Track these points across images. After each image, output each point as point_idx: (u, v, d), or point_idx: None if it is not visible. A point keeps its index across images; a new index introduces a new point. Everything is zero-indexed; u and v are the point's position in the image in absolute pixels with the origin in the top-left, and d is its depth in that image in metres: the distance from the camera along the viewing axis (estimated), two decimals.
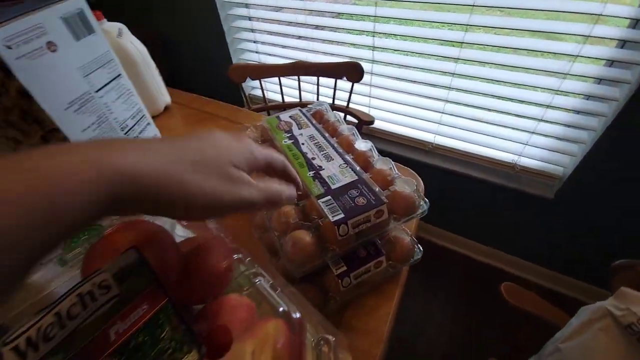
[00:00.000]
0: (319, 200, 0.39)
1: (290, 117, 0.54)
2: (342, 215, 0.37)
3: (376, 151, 0.51)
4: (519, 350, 0.62)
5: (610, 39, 0.76)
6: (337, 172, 0.44)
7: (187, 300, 0.25)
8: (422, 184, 0.62)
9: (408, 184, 0.45)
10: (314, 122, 0.53)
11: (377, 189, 0.41)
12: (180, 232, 0.28)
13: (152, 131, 0.49)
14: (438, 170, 1.17)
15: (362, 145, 0.51)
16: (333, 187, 0.41)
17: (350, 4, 1.07)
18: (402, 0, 0.93)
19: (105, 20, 0.61)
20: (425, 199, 0.44)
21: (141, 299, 0.18)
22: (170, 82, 0.90)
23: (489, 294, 1.14)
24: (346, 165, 0.45)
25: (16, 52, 0.29)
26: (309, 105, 0.59)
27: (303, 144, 0.48)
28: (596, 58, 0.80)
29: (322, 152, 0.47)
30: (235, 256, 0.24)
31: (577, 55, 0.79)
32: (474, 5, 0.83)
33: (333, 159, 0.46)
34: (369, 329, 0.41)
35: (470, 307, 1.20)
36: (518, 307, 0.56)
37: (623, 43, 0.79)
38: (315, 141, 0.49)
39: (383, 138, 1.26)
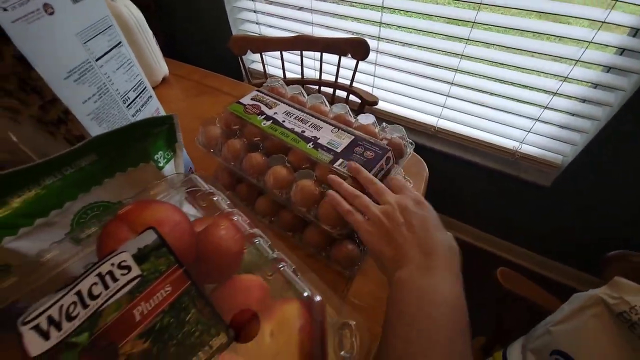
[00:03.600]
0: (333, 166, 0.39)
1: (252, 99, 0.52)
2: None
3: (351, 113, 0.52)
4: (508, 331, 0.64)
5: (625, 26, 0.74)
6: (333, 137, 0.45)
7: (199, 281, 0.25)
8: (427, 172, 0.62)
9: (397, 131, 0.49)
10: (280, 98, 0.51)
11: (375, 140, 0.44)
12: (192, 211, 0.28)
13: (154, 105, 0.47)
14: (440, 155, 1.17)
15: (336, 109, 0.53)
16: (338, 150, 0.42)
17: None
18: None
19: None
20: (411, 141, 0.48)
21: (163, 281, 0.17)
22: (165, 51, 0.86)
23: (482, 277, 1.17)
24: (337, 129, 0.46)
25: (12, 15, 0.27)
26: (264, 85, 0.57)
27: (284, 121, 0.47)
28: (607, 45, 0.78)
29: (307, 124, 0.47)
30: (255, 240, 0.23)
31: (590, 42, 0.77)
32: None
33: (322, 127, 0.46)
34: (370, 305, 0.42)
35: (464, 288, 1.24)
36: (513, 292, 0.58)
37: (635, 31, 0.77)
38: (295, 115, 0.48)
39: (386, 119, 1.24)
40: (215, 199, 0.27)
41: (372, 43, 0.99)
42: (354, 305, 0.42)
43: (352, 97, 1.10)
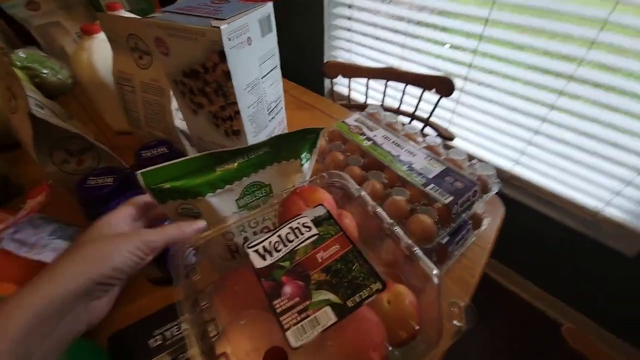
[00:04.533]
0: (425, 188, 0.46)
1: (355, 121, 0.60)
2: (452, 198, 0.43)
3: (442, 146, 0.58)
4: None
5: None
6: (425, 164, 0.51)
7: None
8: (504, 211, 0.64)
9: (486, 169, 0.53)
10: (380, 122, 0.59)
11: (465, 174, 0.49)
12: None
13: (282, 114, 0.58)
14: (510, 201, 1.15)
15: (428, 139, 0.59)
16: (430, 176, 0.48)
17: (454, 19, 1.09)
18: (514, 23, 0.92)
19: None
20: (498, 181, 0.53)
21: (334, 241, 0.25)
22: None
23: (540, 343, 1.11)
24: (430, 158, 0.51)
25: (231, 43, 0.39)
26: (366, 110, 0.65)
27: (382, 144, 0.55)
28: None
29: (402, 149, 0.54)
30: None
31: None
32: (593, 42, 0.80)
33: (416, 154, 0.52)
34: None
35: (521, 347, 1.15)
36: (577, 350, 0.56)
37: None
38: (392, 140, 0.55)
39: None
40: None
41: (458, 83, 1.03)
42: None
43: (428, 130, 1.15)
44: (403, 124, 0.63)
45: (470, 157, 0.55)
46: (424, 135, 0.60)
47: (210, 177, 0.32)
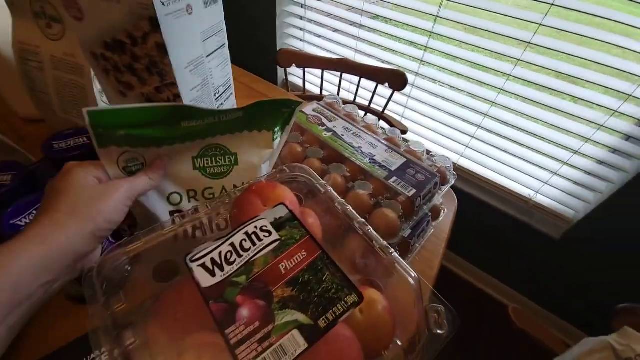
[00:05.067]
0: (388, 181, 0.44)
1: (313, 110, 0.57)
2: (414, 191, 0.42)
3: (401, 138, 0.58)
4: None
5: None
6: (387, 156, 0.49)
7: None
8: (457, 203, 0.66)
9: (444, 161, 0.55)
10: (338, 114, 0.57)
11: (426, 166, 0.48)
12: None
13: (232, 101, 0.52)
14: (456, 191, 1.21)
15: (388, 131, 0.59)
16: (392, 169, 0.46)
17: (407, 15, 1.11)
18: (461, 22, 0.96)
19: None
20: (454, 173, 0.54)
21: (299, 247, 0.21)
22: None
23: (482, 318, 1.20)
24: (391, 150, 0.50)
25: (166, 9, 0.32)
26: (324, 99, 0.63)
27: (342, 135, 0.52)
28: (631, 117, 0.84)
29: (364, 141, 0.52)
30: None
31: (616, 112, 0.83)
32: (529, 43, 0.87)
33: (377, 146, 0.51)
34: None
35: (467, 328, 1.24)
36: (523, 330, 0.60)
37: None
38: (352, 131, 0.53)
39: None
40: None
41: (409, 77, 1.05)
42: None
43: (382, 123, 1.15)
44: (361, 116, 0.61)
45: (429, 151, 0.55)
46: (382, 127, 0.58)
47: (174, 131, 0.28)
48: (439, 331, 0.20)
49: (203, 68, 0.40)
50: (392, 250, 0.24)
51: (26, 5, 0.46)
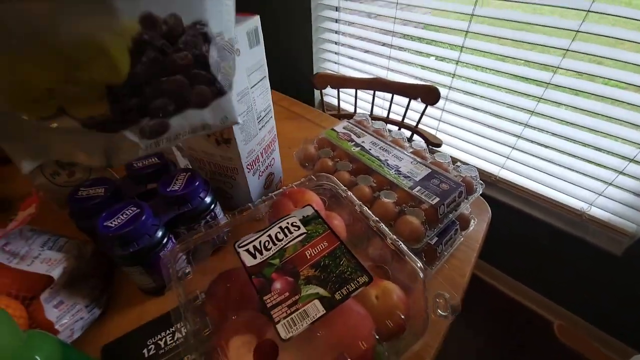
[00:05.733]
0: (412, 191, 0.47)
1: (344, 128, 0.62)
2: (438, 199, 0.44)
3: (428, 151, 0.59)
4: None
5: None
6: (412, 168, 0.52)
7: None
8: (490, 213, 0.66)
9: (470, 171, 0.55)
10: (367, 130, 0.61)
11: (451, 176, 0.50)
12: None
13: (271, 123, 0.59)
14: (499, 204, 1.17)
15: (414, 144, 0.61)
16: (417, 179, 0.49)
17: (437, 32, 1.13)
18: (492, 35, 0.97)
19: None
20: (481, 182, 0.54)
21: (322, 238, 0.26)
22: None
23: (533, 340, 1.12)
24: (416, 162, 0.53)
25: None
26: (354, 117, 0.67)
27: (370, 149, 0.56)
28: None
29: (390, 154, 0.55)
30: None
31: None
32: (567, 50, 0.85)
33: (402, 159, 0.54)
34: None
35: (517, 345, 1.17)
36: (569, 347, 0.57)
37: None
38: (379, 146, 0.57)
39: None
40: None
41: (442, 91, 1.07)
42: None
43: (416, 137, 1.17)
44: (390, 131, 0.65)
45: (455, 161, 0.57)
46: (410, 141, 0.62)
47: None
48: (441, 313, 0.23)
49: (248, 98, 0.48)
50: (401, 242, 0.28)
51: None
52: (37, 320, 0.35)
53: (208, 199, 0.46)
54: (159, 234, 0.40)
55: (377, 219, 0.30)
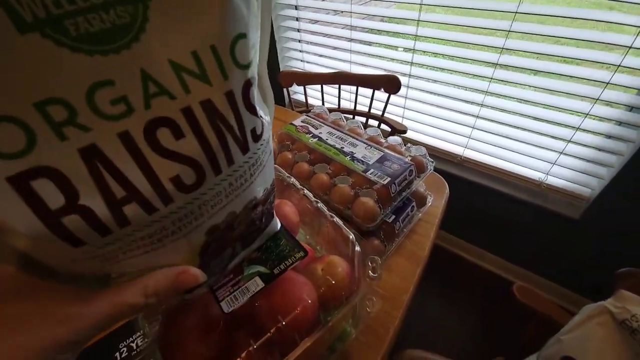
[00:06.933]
0: (366, 174, 0.50)
1: (302, 121, 0.65)
2: (389, 179, 0.48)
3: (382, 135, 0.64)
4: (525, 348, 0.67)
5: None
6: (366, 152, 0.55)
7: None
8: (448, 190, 0.70)
9: (419, 150, 0.59)
10: (324, 122, 0.64)
11: (400, 157, 0.54)
12: None
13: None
14: (465, 183, 1.23)
15: (369, 131, 0.65)
16: (370, 162, 0.52)
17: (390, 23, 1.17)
18: (441, 22, 1.01)
19: None
20: (431, 160, 0.59)
21: None
22: None
23: (501, 301, 1.23)
24: (370, 147, 0.56)
25: None
26: (312, 110, 0.70)
27: (327, 139, 0.59)
28: (628, 87, 0.84)
29: (345, 142, 0.58)
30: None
31: (608, 83, 0.84)
32: (509, 31, 0.90)
33: (357, 145, 0.57)
34: (392, 295, 0.50)
35: (483, 312, 1.26)
36: (528, 305, 0.62)
37: None
38: (336, 135, 0.60)
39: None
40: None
41: (403, 80, 1.11)
42: (377, 294, 0.50)
43: (383, 126, 1.21)
44: (346, 120, 0.68)
45: (407, 142, 0.61)
46: (365, 127, 0.65)
47: None
48: (371, 274, 0.26)
49: None
50: (335, 217, 0.30)
51: None
52: None
53: None
54: None
55: (316, 199, 0.33)
